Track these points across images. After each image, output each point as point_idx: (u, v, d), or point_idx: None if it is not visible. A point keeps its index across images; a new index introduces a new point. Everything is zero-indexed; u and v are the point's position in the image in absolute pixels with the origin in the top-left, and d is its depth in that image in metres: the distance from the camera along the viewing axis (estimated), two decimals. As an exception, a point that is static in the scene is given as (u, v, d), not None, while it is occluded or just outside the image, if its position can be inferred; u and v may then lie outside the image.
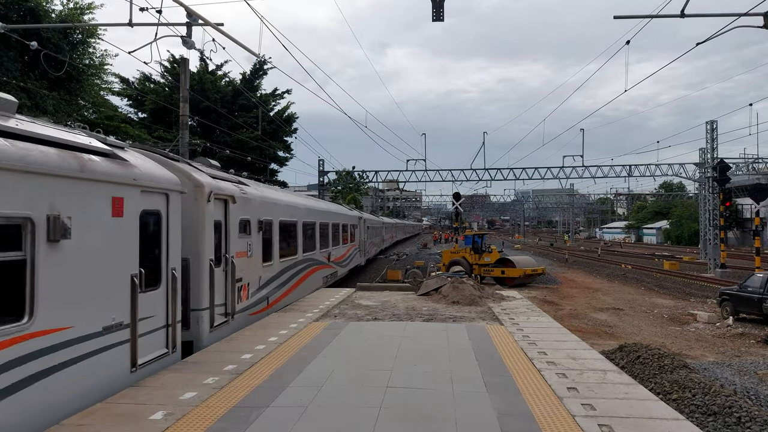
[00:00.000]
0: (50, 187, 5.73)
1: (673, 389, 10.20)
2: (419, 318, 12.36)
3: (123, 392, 6.65)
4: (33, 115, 7.74)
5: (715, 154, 41.32)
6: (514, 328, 10.89)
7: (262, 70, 41.43)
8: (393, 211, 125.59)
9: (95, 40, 26.01)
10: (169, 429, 5.52)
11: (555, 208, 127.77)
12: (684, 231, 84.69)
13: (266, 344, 9.35)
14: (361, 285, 18.53)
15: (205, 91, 36.96)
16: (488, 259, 31.49)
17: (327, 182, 50.64)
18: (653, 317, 22.47)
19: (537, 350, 8.94)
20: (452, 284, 15.78)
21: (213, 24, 16.09)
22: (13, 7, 22.02)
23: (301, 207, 17.08)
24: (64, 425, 5.57)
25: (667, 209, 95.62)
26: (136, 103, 37.93)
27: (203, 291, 9.34)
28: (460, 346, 9.30)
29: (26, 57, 22.82)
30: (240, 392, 6.73)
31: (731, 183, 40.46)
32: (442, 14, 14.77)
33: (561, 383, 7.06)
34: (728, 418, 8.91)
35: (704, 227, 45.06)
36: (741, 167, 49.29)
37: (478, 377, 7.40)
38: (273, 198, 14.00)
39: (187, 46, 16.20)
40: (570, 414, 5.93)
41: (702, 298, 26.81)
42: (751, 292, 19.65)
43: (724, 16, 16.88)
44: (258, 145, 38.08)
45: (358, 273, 31.13)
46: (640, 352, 12.31)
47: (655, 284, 33.10)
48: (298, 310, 13.27)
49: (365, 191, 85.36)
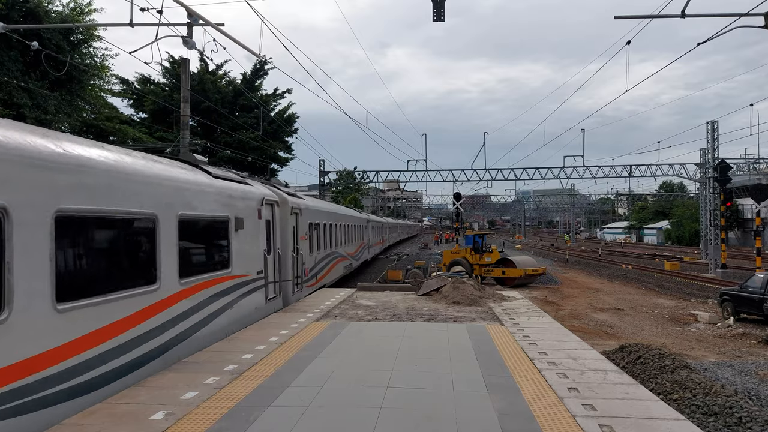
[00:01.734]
0: (235, 202, 10.80)
1: (674, 389, 10.20)
2: (420, 318, 12.36)
3: (124, 392, 6.66)
4: (35, 115, 9.90)
5: (715, 155, 41.30)
6: (515, 329, 10.89)
7: (263, 70, 41.44)
8: (394, 212, 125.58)
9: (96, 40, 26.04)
10: (169, 429, 5.52)
11: (556, 209, 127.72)
12: (685, 231, 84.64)
13: (267, 344, 9.35)
14: (362, 285, 18.52)
15: (205, 91, 36.98)
16: (489, 259, 31.48)
17: (328, 182, 50.65)
18: (654, 317, 22.46)
19: (537, 350, 8.94)
20: (453, 284, 15.77)
21: (214, 24, 16.10)
22: (14, 8, 22.03)
23: (333, 213, 22.93)
24: (64, 425, 5.57)
25: (668, 209, 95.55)
26: (136, 103, 37.96)
27: (288, 269, 14.34)
28: (461, 347, 9.30)
29: (27, 57, 22.83)
30: (241, 392, 6.73)
31: (732, 183, 40.44)
32: (443, 14, 14.75)
33: (561, 383, 7.06)
34: (729, 418, 8.91)
35: (705, 227, 45.05)
36: (742, 167, 49.23)
37: (479, 377, 7.40)
38: (318, 207, 19.92)
39: (187, 46, 16.20)
40: (570, 414, 5.93)
41: (703, 299, 26.79)
42: (752, 293, 19.64)
43: (724, 16, 16.87)
44: (259, 146, 38.10)
45: (361, 269, 35.05)
46: (641, 353, 12.31)
47: (655, 284, 33.09)
48: (298, 310, 13.28)
49: (366, 191, 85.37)
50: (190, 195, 8.90)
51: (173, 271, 8.14)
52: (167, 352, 7.87)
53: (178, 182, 8.61)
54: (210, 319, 9.35)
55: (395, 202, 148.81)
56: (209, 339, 9.26)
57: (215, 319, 9.56)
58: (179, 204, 8.42)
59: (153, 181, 7.78)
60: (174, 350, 8.06)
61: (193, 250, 9.02)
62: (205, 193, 9.55)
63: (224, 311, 9.95)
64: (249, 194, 11.72)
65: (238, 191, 11.08)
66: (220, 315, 9.79)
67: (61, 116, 24.68)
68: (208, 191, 9.67)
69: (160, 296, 7.73)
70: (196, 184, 9.27)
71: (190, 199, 8.83)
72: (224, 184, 10.56)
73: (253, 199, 11.89)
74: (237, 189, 11.11)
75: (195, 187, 9.17)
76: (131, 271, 7.22)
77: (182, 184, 8.72)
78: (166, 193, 8.08)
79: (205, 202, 9.47)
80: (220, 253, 10.09)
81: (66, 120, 25.64)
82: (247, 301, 11.16)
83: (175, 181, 8.52)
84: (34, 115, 21.97)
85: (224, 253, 10.14)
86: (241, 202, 11.03)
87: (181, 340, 8.28)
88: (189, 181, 9.03)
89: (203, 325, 9.07)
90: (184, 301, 8.43)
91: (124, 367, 6.84)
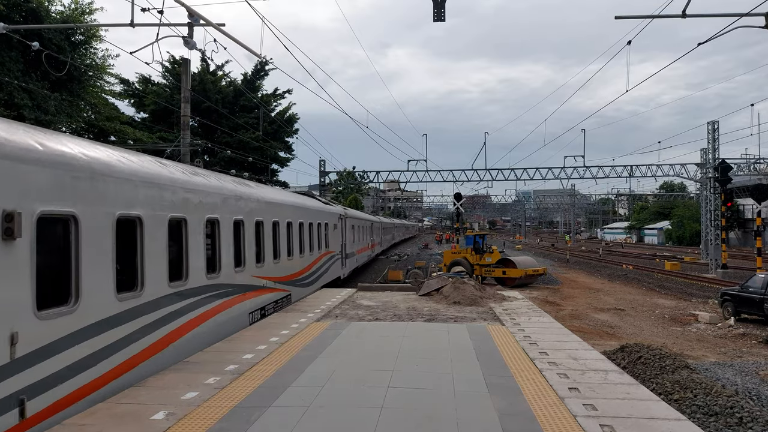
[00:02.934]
0: (324, 217, 20.77)
1: (675, 390, 10.19)
2: (420, 318, 12.36)
3: (125, 392, 6.66)
4: (35, 116, 9.54)
5: (716, 155, 41.27)
6: (516, 329, 10.89)
7: (264, 70, 41.45)
8: (394, 212, 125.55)
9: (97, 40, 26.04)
10: (170, 429, 5.52)
11: (556, 209, 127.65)
12: (685, 231, 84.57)
13: (267, 344, 9.35)
14: (362, 285, 18.52)
15: (206, 91, 37.00)
16: (489, 259, 31.47)
17: (328, 183, 50.65)
18: (654, 318, 22.45)
19: (538, 350, 8.94)
20: (453, 285, 15.77)
21: (214, 24, 16.10)
22: (15, 8, 22.03)
23: (359, 217, 32.86)
24: (65, 425, 5.57)
25: (669, 210, 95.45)
26: (136, 103, 37.97)
27: (342, 259, 23.87)
28: (462, 347, 9.30)
29: (28, 57, 22.83)
30: (241, 392, 6.73)
31: (732, 183, 40.40)
32: (444, 14, 14.75)
33: (562, 383, 7.06)
34: (730, 418, 8.90)
35: (705, 228, 45.02)
36: (742, 167, 49.21)
37: (480, 377, 7.40)
38: (353, 214, 29.88)
39: (188, 46, 16.21)
40: (571, 414, 5.93)
41: (703, 299, 26.77)
42: (753, 293, 19.63)
43: (725, 16, 16.86)
44: (259, 146, 38.11)
45: (363, 269, 36.95)
46: (642, 353, 12.30)
47: (656, 285, 33.07)
48: (299, 310, 13.28)
49: (366, 192, 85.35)
50: (319, 213, 19.90)
51: (322, 246, 19.81)
52: (325, 275, 19.82)
53: (316, 208, 19.74)
54: (327, 269, 20.53)
55: (395, 202, 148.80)
56: (329, 276, 20.71)
57: (330, 269, 20.99)
58: (312, 216, 18.68)
59: (310, 207, 18.72)
60: (325, 276, 19.81)
61: (311, 239, 17.95)
62: (323, 212, 20.55)
63: (332, 265, 21.50)
64: (334, 210, 23.78)
65: (330, 208, 22.91)
66: (333, 265, 21.77)
67: (62, 117, 24.67)
68: (323, 210, 20.88)
69: (315, 256, 18.61)
70: (321, 207, 20.77)
71: (317, 213, 19.42)
72: (327, 207, 22.20)
73: (336, 213, 23.58)
74: (329, 207, 23.22)
75: (321, 208, 20.71)
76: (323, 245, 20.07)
77: (319, 207, 20.51)
78: (312, 212, 18.56)
79: (322, 216, 20.23)
80: (326, 240, 20.44)
81: (67, 120, 25.65)
82: (336, 264, 22.43)
83: (313, 207, 19.42)
84: (34, 116, 21.97)
85: (327, 239, 20.83)
86: (331, 216, 22.07)
87: (321, 274, 19.46)
88: (317, 206, 20.07)
89: (326, 272, 20.10)
90: (318, 263, 18.96)
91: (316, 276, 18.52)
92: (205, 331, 9.26)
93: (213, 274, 9.73)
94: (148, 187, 7.77)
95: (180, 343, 8.36)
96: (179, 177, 8.99)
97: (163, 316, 7.93)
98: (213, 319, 9.61)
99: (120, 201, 7.05)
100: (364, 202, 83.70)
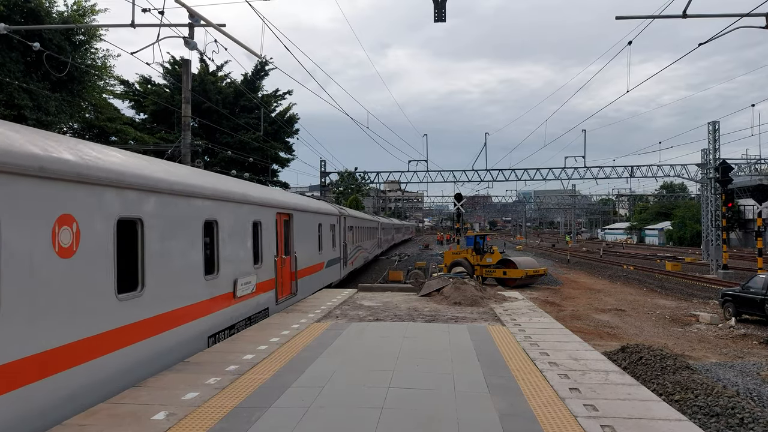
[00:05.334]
0: (333, 217, 22.85)
1: (676, 390, 10.18)
2: (421, 319, 12.35)
3: (125, 392, 6.66)
4: (36, 117, 9.95)
5: (717, 155, 41.24)
6: (516, 329, 10.88)
7: (264, 70, 41.46)
8: (394, 212, 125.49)
9: (98, 40, 26.05)
10: (171, 429, 5.52)
11: (557, 209, 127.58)
12: (686, 232, 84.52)
13: (268, 345, 9.35)
14: (363, 286, 18.50)
15: (206, 92, 37.01)
16: (490, 260, 31.48)
17: (328, 183, 50.63)
18: (655, 318, 22.44)
19: (539, 351, 8.93)
20: (454, 285, 15.77)
21: (215, 25, 16.10)
22: (15, 9, 22.05)
23: (358, 217, 32.94)
24: (66, 425, 5.57)
25: (670, 210, 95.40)
26: (136, 104, 37.99)
27: (343, 255, 24.75)
28: (462, 347, 9.29)
29: (29, 58, 22.84)
30: (242, 392, 6.73)
31: (733, 184, 40.40)
32: (444, 15, 14.74)
33: (563, 384, 7.05)
34: (731, 419, 8.89)
35: (706, 228, 44.97)
36: (743, 168, 49.14)
37: (480, 378, 7.39)
38: (351, 213, 29.68)
39: (189, 47, 16.22)
40: (572, 415, 5.92)
41: (704, 299, 26.75)
42: (754, 293, 19.61)
43: (726, 16, 16.86)
44: (260, 146, 38.11)
45: (364, 268, 37.88)
46: (643, 353, 12.29)
47: (657, 285, 33.05)
48: (299, 310, 13.28)
49: (367, 192, 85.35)
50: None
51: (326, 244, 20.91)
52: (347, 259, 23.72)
53: (331, 210, 22.19)
54: (332, 264, 21.51)
55: (396, 202, 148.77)
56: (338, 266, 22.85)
57: (333, 265, 21.82)
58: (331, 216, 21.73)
59: (323, 210, 20.27)
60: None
61: (325, 238, 20.32)
62: (332, 215, 22.23)
63: (336, 264, 22.69)
64: (335, 213, 24.17)
65: (335, 209, 24.27)
66: (335, 264, 22.51)
67: (62, 117, 24.68)
68: (333, 212, 22.51)
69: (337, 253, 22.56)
70: (331, 210, 22.58)
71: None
72: (336, 209, 23.98)
73: (335, 214, 23.92)
74: (334, 209, 24.15)
75: (333, 211, 22.78)
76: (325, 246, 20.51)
77: (333, 210, 22.76)
78: (329, 211, 20.98)
79: (332, 216, 22.02)
80: (327, 240, 21.03)
81: (67, 121, 25.65)
82: (335, 268, 23.14)
83: (331, 209, 22.14)
84: (35, 117, 21.98)
85: (328, 240, 21.56)
86: (333, 217, 23.02)
87: (337, 261, 22.66)
88: (330, 209, 22.41)
89: (336, 263, 22.55)
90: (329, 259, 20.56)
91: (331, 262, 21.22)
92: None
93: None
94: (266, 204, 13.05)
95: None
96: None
97: None
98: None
99: (253, 213, 11.94)
100: (365, 202, 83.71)
